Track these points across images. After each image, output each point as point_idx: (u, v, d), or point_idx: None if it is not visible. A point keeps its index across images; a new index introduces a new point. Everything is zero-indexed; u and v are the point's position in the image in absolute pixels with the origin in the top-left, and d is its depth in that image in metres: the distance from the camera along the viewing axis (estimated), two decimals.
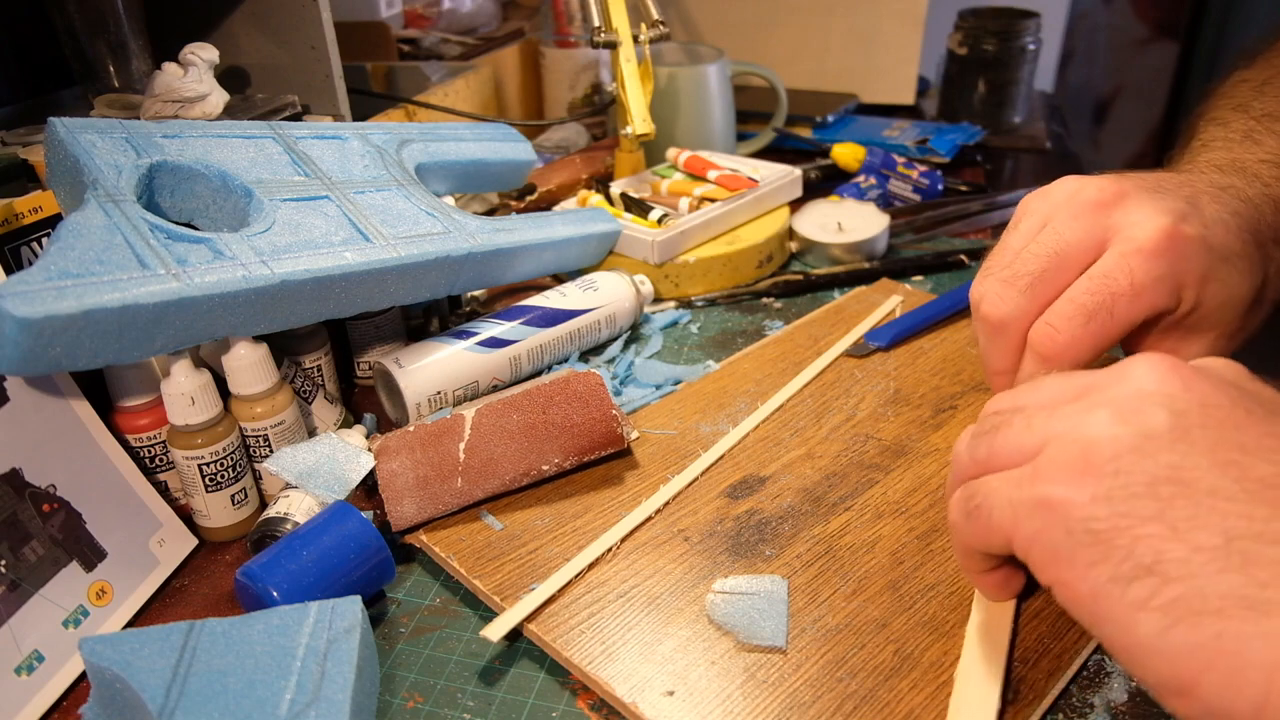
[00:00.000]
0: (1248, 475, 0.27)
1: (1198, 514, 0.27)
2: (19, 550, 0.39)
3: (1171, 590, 0.26)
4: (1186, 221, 0.40)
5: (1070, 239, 0.41)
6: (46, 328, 0.36)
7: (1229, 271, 0.41)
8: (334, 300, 0.48)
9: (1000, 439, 0.32)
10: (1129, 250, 0.40)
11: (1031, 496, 0.30)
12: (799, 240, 0.76)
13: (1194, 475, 0.27)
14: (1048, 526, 0.29)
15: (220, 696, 0.34)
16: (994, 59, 1.03)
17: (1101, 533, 0.28)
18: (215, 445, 0.45)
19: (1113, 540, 0.27)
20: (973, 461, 0.33)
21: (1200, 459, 0.27)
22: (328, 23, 0.67)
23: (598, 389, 0.49)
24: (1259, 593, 0.25)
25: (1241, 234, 0.42)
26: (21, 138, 0.56)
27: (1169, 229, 0.40)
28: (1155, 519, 0.27)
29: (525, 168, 0.69)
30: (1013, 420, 0.32)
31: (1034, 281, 0.42)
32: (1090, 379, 0.32)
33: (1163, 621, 0.26)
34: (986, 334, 0.44)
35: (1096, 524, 0.28)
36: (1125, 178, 0.43)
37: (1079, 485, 0.28)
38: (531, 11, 1.25)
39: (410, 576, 0.45)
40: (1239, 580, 0.25)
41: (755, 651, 0.38)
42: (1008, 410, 0.33)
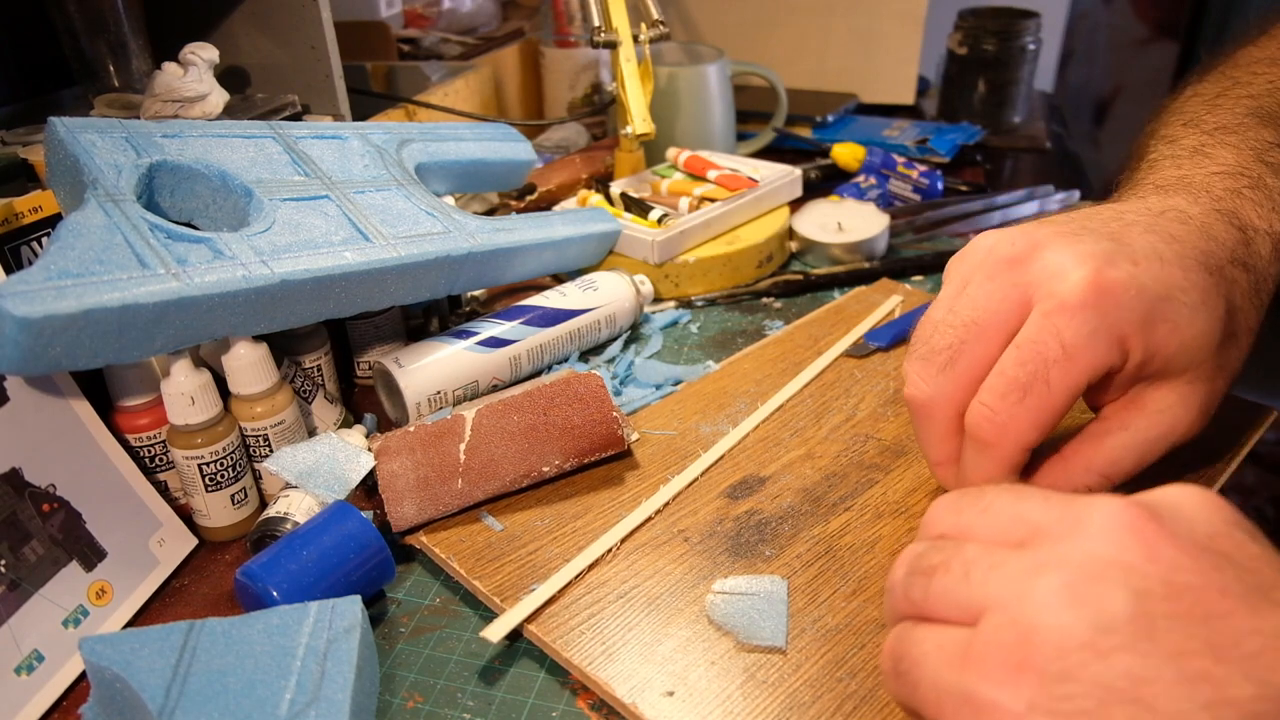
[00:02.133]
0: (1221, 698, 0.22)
1: None
2: (19, 550, 0.39)
3: None
4: (1112, 264, 0.35)
5: (986, 305, 0.37)
6: (46, 327, 0.36)
7: (1175, 309, 0.36)
8: (334, 300, 0.48)
9: (936, 586, 0.28)
10: (1052, 309, 0.35)
11: (960, 688, 0.25)
12: (799, 240, 0.76)
13: (1154, 692, 0.22)
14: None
15: (220, 696, 0.34)
16: (994, 59, 1.03)
17: None
18: (215, 445, 0.45)
19: None
20: (907, 600, 0.30)
21: (1164, 669, 0.23)
22: (328, 23, 0.67)
23: (598, 390, 0.49)
24: None
25: (1183, 262, 0.36)
26: (21, 138, 0.56)
27: (1092, 277, 0.35)
28: None
29: (525, 168, 0.69)
30: (951, 565, 0.28)
31: (952, 357, 0.37)
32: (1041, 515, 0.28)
33: None
34: (914, 419, 0.40)
35: None
36: (1044, 224, 0.39)
37: (1014, 687, 0.24)
38: (531, 11, 1.25)
39: (410, 576, 0.45)
40: None
41: (755, 652, 0.38)
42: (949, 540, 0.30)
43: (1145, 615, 0.23)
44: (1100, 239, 0.36)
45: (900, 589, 0.30)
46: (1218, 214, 0.39)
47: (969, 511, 0.30)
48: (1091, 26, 1.79)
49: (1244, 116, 0.45)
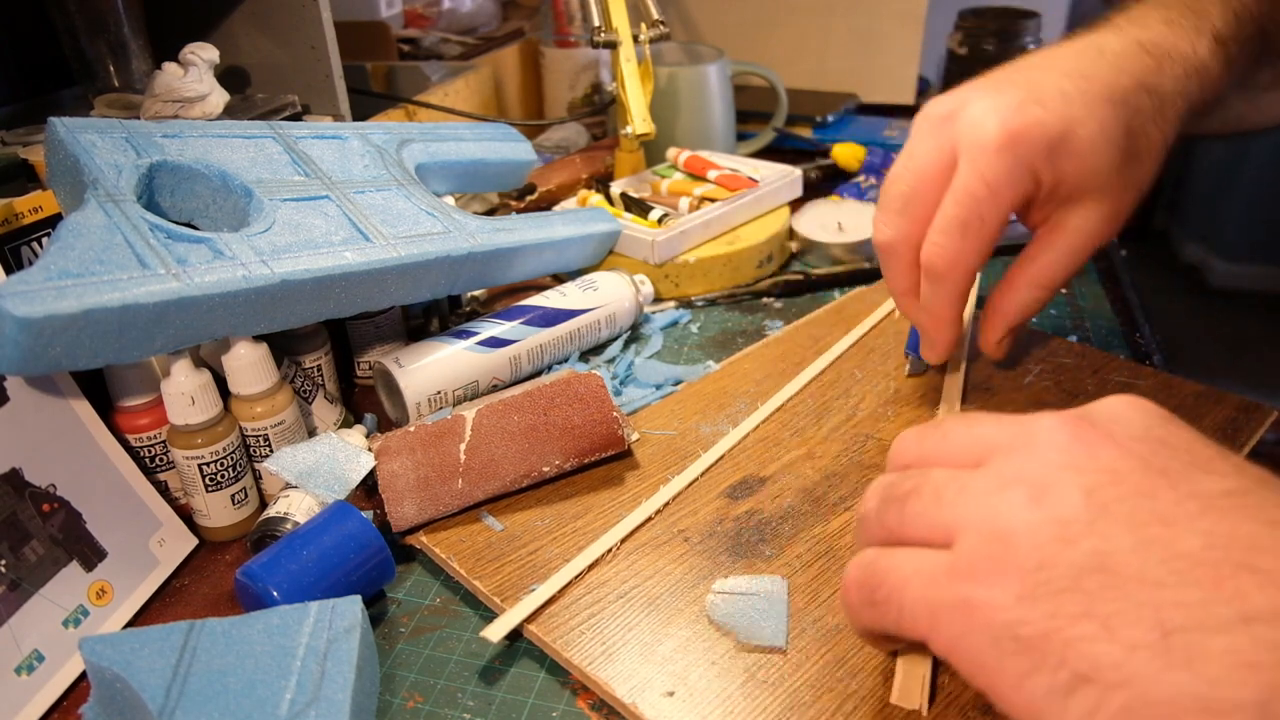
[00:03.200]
0: (1174, 552, 0.25)
1: (1128, 607, 0.25)
2: (19, 550, 0.39)
3: (1116, 699, 0.24)
4: (1021, 110, 0.42)
5: (925, 157, 0.44)
6: (46, 327, 0.36)
7: (1076, 141, 0.42)
8: (334, 300, 0.48)
9: (910, 511, 0.31)
10: (975, 155, 0.42)
11: (952, 598, 0.28)
12: (799, 240, 0.76)
13: (1118, 560, 0.25)
14: (970, 631, 0.27)
15: (220, 696, 0.34)
16: (994, 59, 1.03)
17: (1030, 639, 0.25)
18: (215, 445, 0.45)
19: (1044, 646, 0.25)
20: (882, 527, 0.32)
21: (1122, 539, 0.26)
22: (328, 23, 0.67)
23: (599, 391, 0.49)
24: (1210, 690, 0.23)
25: (1086, 99, 0.42)
26: (21, 138, 0.56)
27: (1003, 124, 0.42)
28: (1085, 616, 0.25)
29: (525, 168, 0.69)
30: (922, 490, 0.31)
31: (905, 203, 0.45)
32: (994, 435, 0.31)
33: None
34: (881, 260, 0.48)
35: (1024, 629, 0.26)
36: (978, 80, 0.46)
37: (1000, 585, 0.26)
38: (531, 11, 1.25)
39: (410, 576, 0.45)
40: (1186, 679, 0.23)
41: (755, 652, 0.38)
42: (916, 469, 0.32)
43: (1098, 504, 0.27)
44: (1016, 88, 0.43)
45: (875, 516, 0.32)
46: (1136, 44, 0.45)
47: (930, 440, 0.33)
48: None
49: None
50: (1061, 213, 0.45)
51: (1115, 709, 0.24)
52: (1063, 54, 0.45)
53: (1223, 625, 0.23)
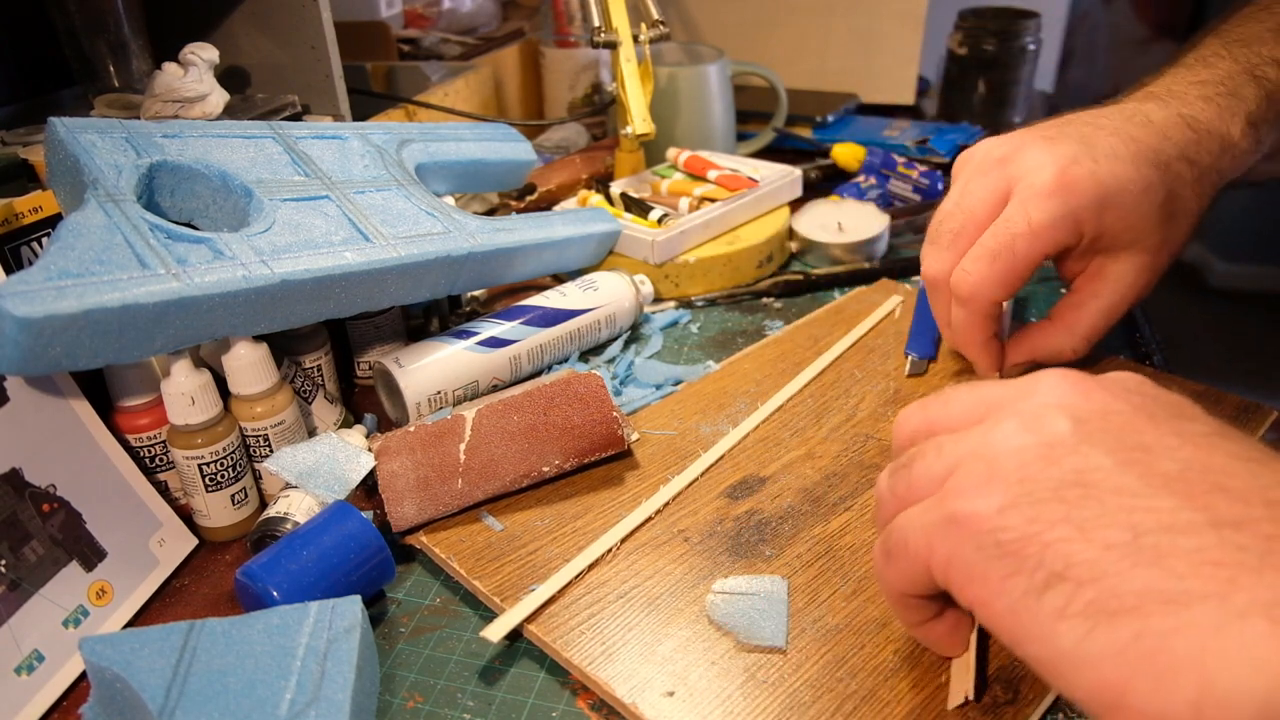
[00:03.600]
0: (1151, 471, 0.27)
1: (1104, 512, 0.26)
2: (19, 550, 0.39)
3: (1086, 594, 0.25)
4: (1076, 163, 0.45)
5: (979, 195, 0.47)
6: (46, 327, 0.36)
7: (1123, 197, 0.45)
8: (334, 300, 0.48)
9: (916, 470, 0.32)
10: (1026, 196, 0.45)
11: (940, 516, 0.29)
12: (799, 240, 0.76)
13: (1098, 476, 0.27)
14: (959, 543, 0.29)
15: (220, 696, 0.34)
16: (994, 59, 1.03)
17: (1010, 543, 0.27)
18: (215, 445, 0.45)
19: (1023, 550, 0.27)
20: (894, 497, 0.33)
21: (1103, 459, 0.27)
22: (328, 23, 0.67)
23: (599, 390, 0.49)
24: (1175, 584, 0.24)
25: (1136, 160, 0.45)
26: (21, 138, 0.56)
27: (1059, 173, 0.44)
28: (1062, 521, 0.27)
29: (525, 168, 0.69)
30: (925, 451, 0.32)
31: (954, 238, 0.47)
32: (997, 394, 0.32)
33: (1081, 628, 0.25)
34: (929, 291, 0.50)
35: (1005, 534, 0.27)
36: (1031, 129, 0.48)
37: (985, 496, 0.28)
38: (531, 11, 1.25)
39: (410, 576, 0.45)
40: (1153, 574, 0.24)
41: (755, 652, 0.38)
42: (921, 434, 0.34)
43: (1085, 432, 0.29)
44: (1071, 142, 0.46)
45: (886, 491, 0.34)
46: (1179, 118, 0.48)
47: (933, 407, 0.35)
48: (1091, 26, 1.79)
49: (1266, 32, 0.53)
50: (1101, 262, 0.48)
51: (1084, 603, 0.25)
52: (1111, 116, 0.48)
53: (1191, 528, 0.25)
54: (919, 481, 0.32)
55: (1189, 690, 0.23)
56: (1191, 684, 0.23)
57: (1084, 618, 0.25)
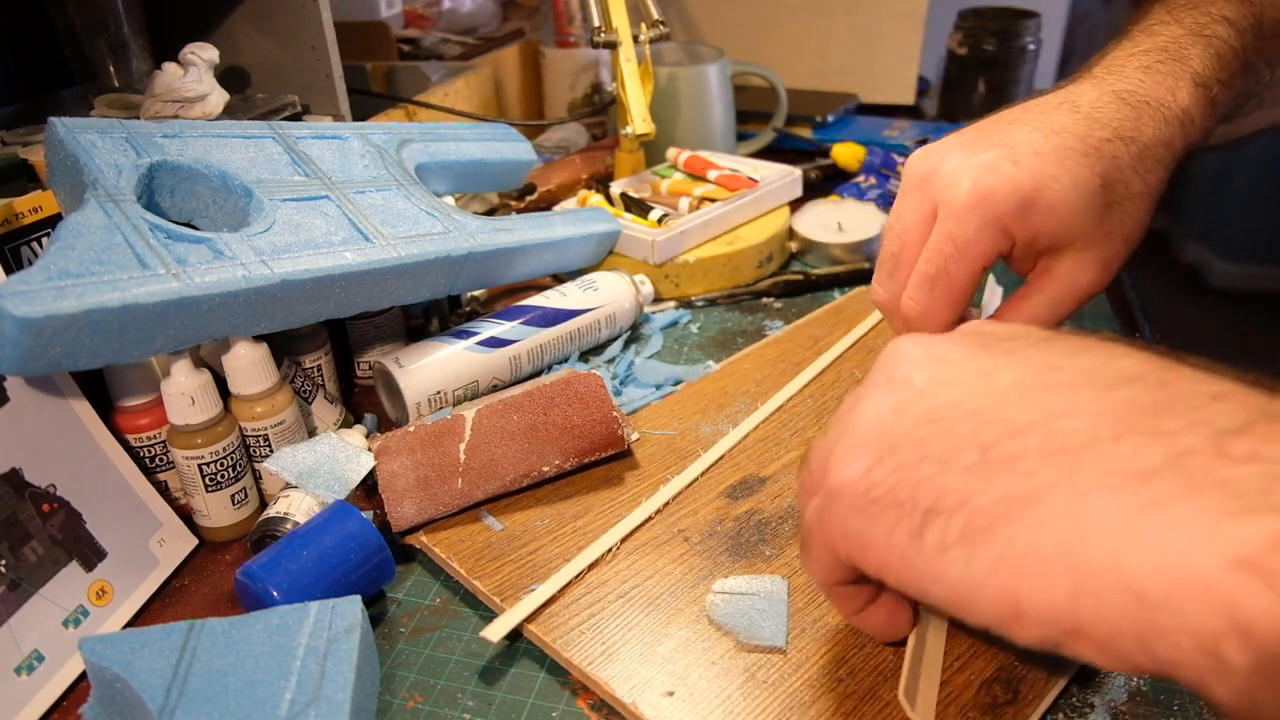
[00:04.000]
0: (990, 389, 0.28)
1: (955, 439, 0.27)
2: (19, 550, 0.39)
3: (957, 520, 0.26)
4: (992, 170, 0.43)
5: (909, 217, 0.46)
6: (47, 327, 0.36)
7: (1047, 195, 0.43)
8: (334, 300, 0.48)
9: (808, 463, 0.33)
10: (945, 214, 0.44)
11: (823, 498, 0.30)
12: (799, 240, 0.76)
13: (945, 410, 0.28)
14: (844, 516, 0.29)
15: (220, 696, 0.34)
16: (994, 59, 1.03)
17: (884, 496, 0.28)
18: (215, 445, 0.45)
19: (896, 498, 0.28)
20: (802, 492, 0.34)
21: (948, 394, 0.29)
22: (328, 23, 0.67)
23: (598, 390, 0.49)
24: (1028, 483, 0.25)
25: (1058, 153, 0.43)
26: (21, 138, 0.56)
27: (973, 183, 0.43)
28: (922, 460, 0.27)
29: (525, 168, 0.69)
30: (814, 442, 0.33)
31: (894, 266, 0.47)
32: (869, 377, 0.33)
33: (963, 554, 0.26)
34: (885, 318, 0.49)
35: (877, 490, 0.28)
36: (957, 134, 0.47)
37: (852, 463, 0.29)
38: (531, 11, 1.25)
39: (410, 576, 0.45)
40: (1008, 480, 0.25)
41: (755, 651, 0.38)
42: None
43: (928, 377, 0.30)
44: (991, 145, 0.44)
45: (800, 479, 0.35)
46: (1112, 95, 0.45)
47: None
48: (1091, 26, 1.79)
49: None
50: (1047, 261, 0.46)
51: (958, 530, 0.26)
52: (1039, 108, 0.47)
53: (1031, 427, 0.26)
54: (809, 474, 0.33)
55: (1064, 579, 0.23)
56: (1064, 572, 0.23)
57: (962, 544, 0.26)
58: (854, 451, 0.29)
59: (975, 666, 0.36)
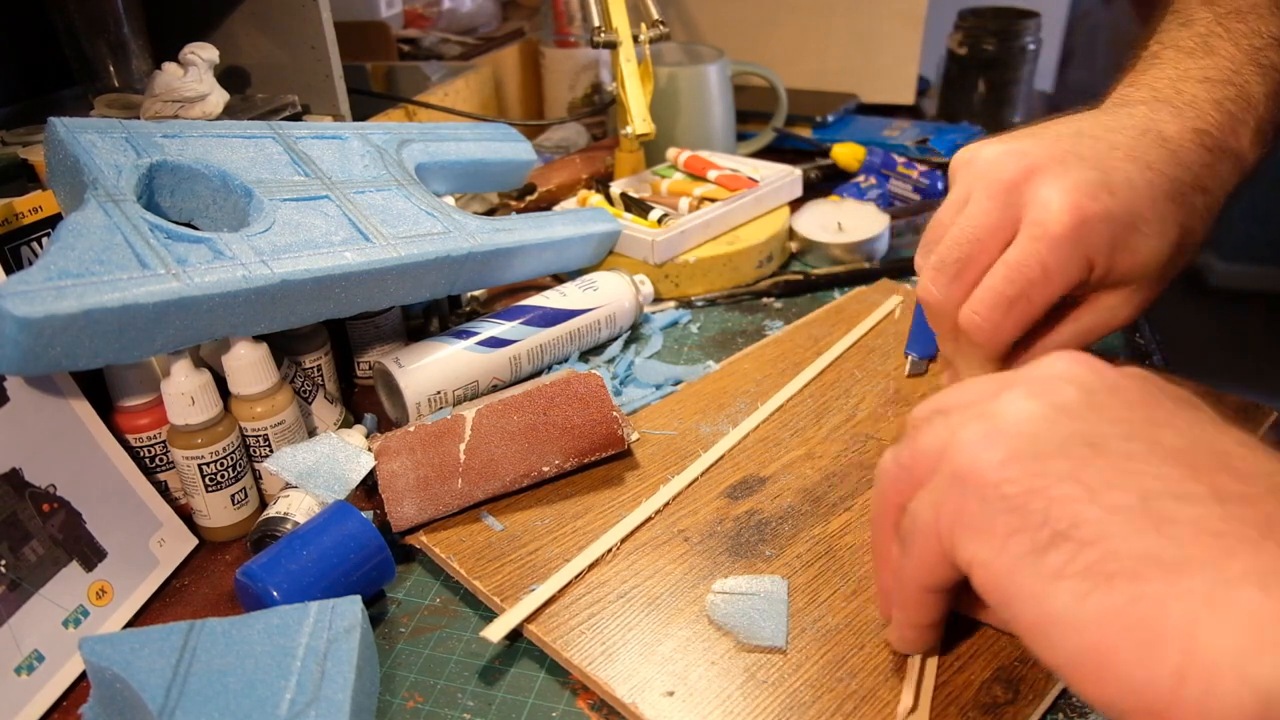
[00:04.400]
0: (1158, 443, 0.27)
1: (1113, 476, 0.26)
2: (19, 550, 0.39)
3: (1087, 555, 0.25)
4: (1093, 199, 0.41)
5: (985, 224, 0.43)
6: (46, 327, 0.36)
7: (1137, 239, 0.42)
8: (334, 300, 0.48)
9: (920, 441, 0.32)
10: (1038, 235, 0.41)
11: (945, 479, 0.29)
12: (799, 240, 0.76)
13: (1106, 441, 0.27)
14: (963, 499, 0.28)
15: (220, 696, 0.34)
16: (994, 59, 1.03)
17: (1015, 496, 0.27)
18: (215, 445, 0.45)
19: (1028, 504, 0.26)
20: (897, 467, 0.33)
21: (1110, 427, 0.27)
22: (328, 23, 0.67)
23: (598, 390, 0.49)
24: (1176, 551, 0.24)
25: (1152, 194, 0.42)
26: (21, 138, 0.56)
27: (1074, 211, 0.41)
28: (1070, 479, 0.26)
29: (525, 168, 0.69)
30: (932, 420, 0.32)
31: (959, 270, 0.44)
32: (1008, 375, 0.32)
33: (1078, 589, 0.25)
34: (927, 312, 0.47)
35: (1010, 487, 0.27)
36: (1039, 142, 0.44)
37: (987, 450, 0.28)
38: (531, 11, 1.25)
39: (410, 576, 0.45)
40: (1155, 540, 0.24)
41: (755, 652, 0.38)
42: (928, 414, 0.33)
43: (1093, 402, 0.29)
44: (1086, 168, 0.42)
45: (890, 463, 0.34)
46: (1194, 134, 0.44)
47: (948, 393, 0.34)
48: (1091, 26, 1.79)
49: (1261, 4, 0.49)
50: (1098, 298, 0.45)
51: (1084, 565, 0.25)
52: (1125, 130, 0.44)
53: (1195, 499, 0.25)
54: (923, 452, 0.31)
55: (1175, 657, 0.23)
56: (1177, 651, 0.23)
57: (1082, 579, 0.25)
58: (992, 440, 0.28)
59: (975, 666, 0.36)
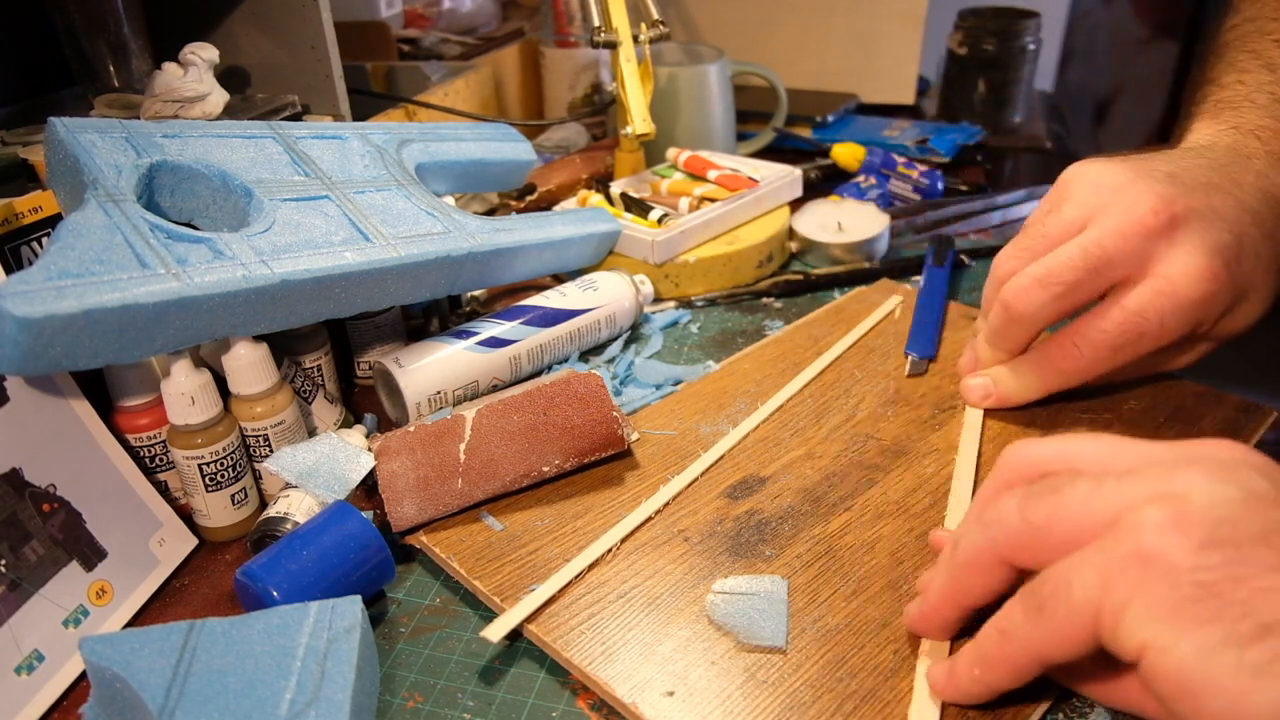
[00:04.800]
0: None
1: None
2: (19, 550, 0.39)
3: None
4: (1227, 268, 0.40)
5: (1112, 258, 0.41)
6: (46, 327, 0.36)
7: (1245, 306, 0.42)
8: (334, 300, 0.48)
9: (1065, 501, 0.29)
10: (1166, 291, 0.40)
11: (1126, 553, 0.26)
12: (799, 240, 0.76)
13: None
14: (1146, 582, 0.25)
15: (220, 696, 0.34)
16: (994, 59, 1.03)
17: (1213, 584, 0.25)
18: (215, 445, 0.45)
19: (1226, 594, 0.24)
20: (1026, 525, 0.30)
21: None
22: (328, 23, 0.67)
23: (598, 390, 0.49)
24: None
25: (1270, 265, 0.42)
26: (21, 138, 0.56)
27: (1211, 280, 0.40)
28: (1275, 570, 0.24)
29: (525, 168, 0.69)
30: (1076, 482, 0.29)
31: (1067, 290, 0.42)
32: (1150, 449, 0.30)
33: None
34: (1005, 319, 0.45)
35: (1206, 574, 0.25)
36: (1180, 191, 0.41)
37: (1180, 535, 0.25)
38: (531, 11, 1.25)
39: (410, 576, 0.45)
40: None
41: (755, 652, 0.38)
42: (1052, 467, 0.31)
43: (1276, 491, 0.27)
44: (1223, 230, 0.41)
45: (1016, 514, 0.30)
46: None
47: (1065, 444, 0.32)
48: (1091, 26, 1.78)
49: None
50: None
51: None
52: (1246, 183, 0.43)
53: None
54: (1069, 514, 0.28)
55: None
56: None
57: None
58: (1186, 524, 0.26)
59: None
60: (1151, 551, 0.26)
